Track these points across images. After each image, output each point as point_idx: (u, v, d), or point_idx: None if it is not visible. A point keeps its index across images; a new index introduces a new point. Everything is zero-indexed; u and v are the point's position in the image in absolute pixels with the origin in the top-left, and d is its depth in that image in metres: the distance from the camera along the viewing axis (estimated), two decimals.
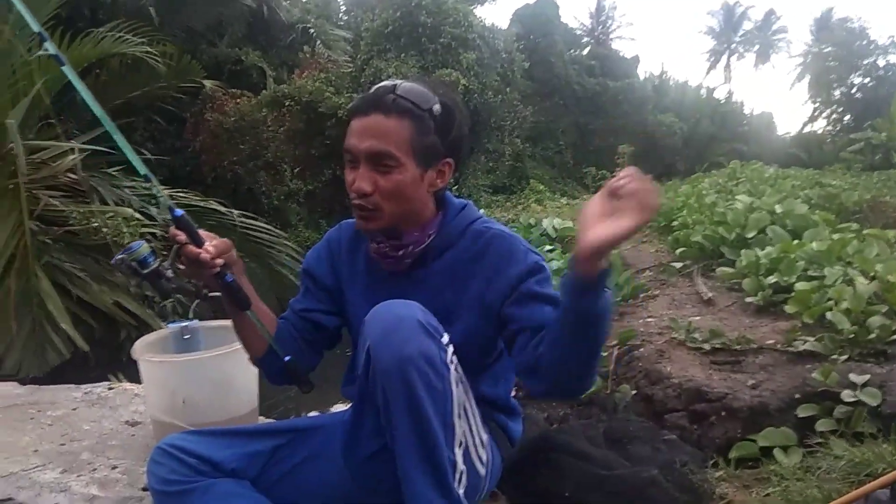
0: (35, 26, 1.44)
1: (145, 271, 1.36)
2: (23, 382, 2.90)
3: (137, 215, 6.06)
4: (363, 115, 1.38)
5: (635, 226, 1.13)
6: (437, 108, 1.39)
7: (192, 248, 1.32)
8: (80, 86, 1.38)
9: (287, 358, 1.50)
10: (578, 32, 35.18)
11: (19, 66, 6.42)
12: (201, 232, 1.36)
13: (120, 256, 1.37)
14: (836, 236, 4.51)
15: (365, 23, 15.21)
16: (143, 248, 1.37)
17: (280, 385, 1.60)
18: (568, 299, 1.24)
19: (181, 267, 1.37)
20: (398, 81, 1.41)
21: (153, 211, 6.55)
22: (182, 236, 1.33)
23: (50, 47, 1.41)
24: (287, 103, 12.78)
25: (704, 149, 25.93)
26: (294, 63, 15.18)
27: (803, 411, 2.51)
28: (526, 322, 1.37)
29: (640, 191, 1.13)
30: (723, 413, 2.69)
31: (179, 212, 1.34)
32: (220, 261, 1.36)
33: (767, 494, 2.03)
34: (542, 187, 17.82)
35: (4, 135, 5.61)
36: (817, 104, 26.84)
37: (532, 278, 1.40)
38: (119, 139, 1.36)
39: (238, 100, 13.17)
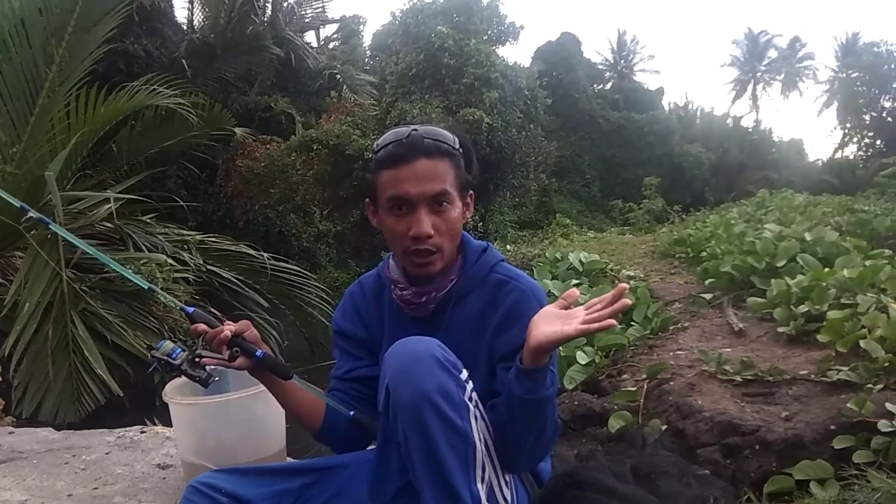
0: (16, 203, 1.61)
1: (176, 362, 1.46)
2: (58, 428, 2.96)
3: (170, 261, 6.20)
4: (406, 163, 1.41)
5: (575, 335, 1.23)
6: (457, 144, 1.47)
7: (213, 331, 1.43)
8: (75, 239, 1.61)
9: (351, 413, 1.53)
10: (601, 67, 35.52)
11: (57, 121, 6.68)
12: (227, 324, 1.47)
13: (154, 354, 1.48)
14: (868, 263, 4.42)
15: (389, 66, 15.55)
16: (165, 344, 1.48)
17: (351, 451, 1.59)
18: (511, 385, 1.30)
19: (206, 355, 1.47)
20: (415, 126, 1.46)
21: (185, 256, 6.71)
22: (202, 326, 1.45)
23: (32, 213, 1.62)
24: (315, 147, 13.02)
25: (734, 178, 25.74)
26: (321, 108, 15.55)
27: (839, 443, 2.45)
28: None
29: (592, 312, 1.25)
30: (757, 446, 2.63)
31: (191, 309, 1.47)
32: (234, 327, 1.44)
33: None
34: (568, 221, 17.79)
35: (43, 187, 5.81)
36: (847, 129, 26.56)
37: None
38: (116, 266, 1.58)
39: (268, 145, 13.49)
